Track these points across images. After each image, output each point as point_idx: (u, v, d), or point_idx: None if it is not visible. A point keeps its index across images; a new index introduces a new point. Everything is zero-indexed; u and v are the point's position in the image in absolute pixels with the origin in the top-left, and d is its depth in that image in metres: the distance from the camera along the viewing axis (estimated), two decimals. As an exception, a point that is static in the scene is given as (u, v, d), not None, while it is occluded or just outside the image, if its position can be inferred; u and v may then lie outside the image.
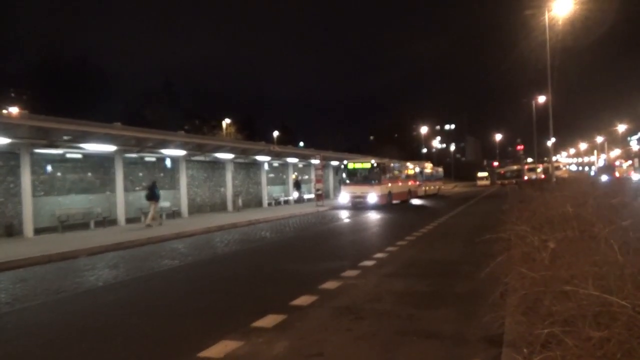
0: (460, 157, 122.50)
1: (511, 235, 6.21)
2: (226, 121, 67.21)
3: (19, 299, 7.28)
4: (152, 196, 17.16)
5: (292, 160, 30.94)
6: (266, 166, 28.89)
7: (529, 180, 43.47)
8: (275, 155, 28.06)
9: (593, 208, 5.07)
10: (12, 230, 15.13)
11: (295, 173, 33.17)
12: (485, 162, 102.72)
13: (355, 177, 25.88)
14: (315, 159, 29.75)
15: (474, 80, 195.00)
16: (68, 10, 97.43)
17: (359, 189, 25.03)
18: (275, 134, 73.10)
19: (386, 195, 25.67)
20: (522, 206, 9.51)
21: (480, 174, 68.29)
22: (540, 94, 38.77)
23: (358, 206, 25.02)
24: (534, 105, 43.14)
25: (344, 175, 26.39)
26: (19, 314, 6.52)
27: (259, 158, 26.93)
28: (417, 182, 33.91)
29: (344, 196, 25.60)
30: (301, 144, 67.13)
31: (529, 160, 70.67)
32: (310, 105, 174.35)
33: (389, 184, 26.42)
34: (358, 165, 26.15)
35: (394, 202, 27.09)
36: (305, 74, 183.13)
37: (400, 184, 28.85)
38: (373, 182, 24.92)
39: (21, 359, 4.84)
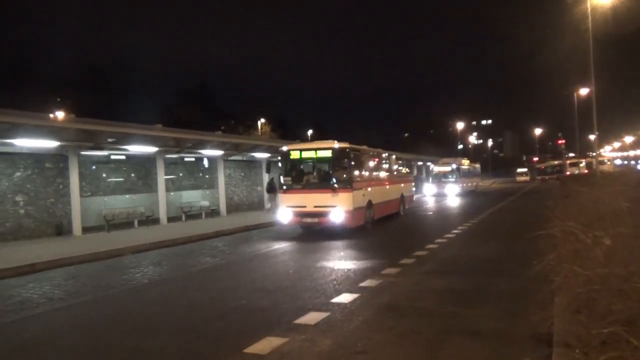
0: (497, 152, 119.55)
1: (558, 232, 6.01)
2: (261, 121, 67.94)
3: (71, 295, 7.61)
4: (271, 189, 21.13)
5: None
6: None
7: (571, 175, 42.01)
8: (310, 154, 28.08)
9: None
10: (62, 230, 15.82)
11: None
12: (524, 158, 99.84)
13: (305, 176, 14.38)
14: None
15: (513, 74, 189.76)
16: (104, 14, 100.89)
17: (310, 200, 13.55)
18: (309, 132, 73.32)
19: (363, 208, 14.20)
20: (568, 202, 9.19)
21: (520, 170, 66.44)
22: (582, 86, 37.37)
23: (310, 228, 14.49)
24: (575, 97, 41.63)
25: (281, 175, 14.48)
26: (71, 309, 6.82)
27: (294, 157, 27.05)
28: (413, 185, 23.29)
29: (284, 212, 13.98)
30: (335, 141, 66.91)
31: (571, 155, 68.28)
32: (343, 103, 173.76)
33: (368, 188, 14.90)
34: (308, 154, 14.24)
35: (377, 217, 15.65)
36: (338, 72, 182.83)
37: (388, 186, 17.64)
38: (338, 184, 13.22)
39: (72, 352, 5.06)
